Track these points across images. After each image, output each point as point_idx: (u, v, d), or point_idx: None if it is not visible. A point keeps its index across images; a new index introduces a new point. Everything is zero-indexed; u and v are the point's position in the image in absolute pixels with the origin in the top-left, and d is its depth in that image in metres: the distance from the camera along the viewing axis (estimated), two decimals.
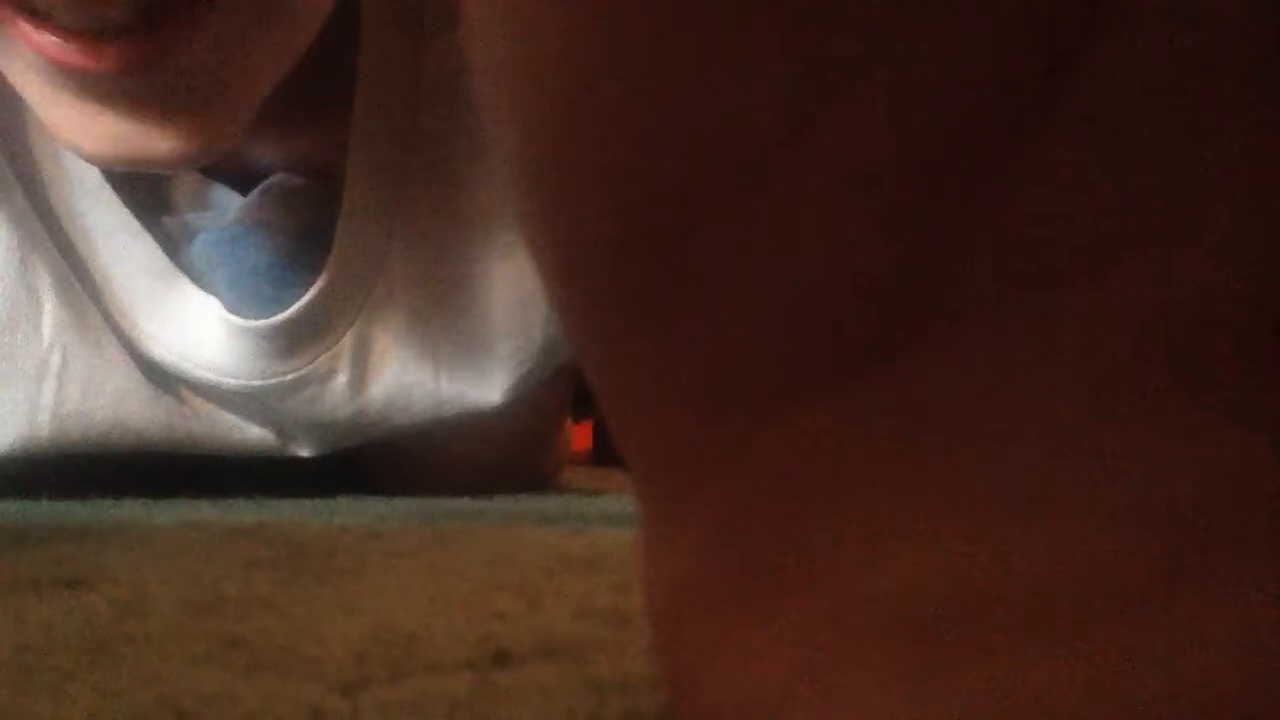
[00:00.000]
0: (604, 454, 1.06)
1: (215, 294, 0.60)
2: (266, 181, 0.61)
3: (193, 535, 0.44)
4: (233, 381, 0.60)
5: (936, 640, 0.10)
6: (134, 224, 0.58)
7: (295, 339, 0.60)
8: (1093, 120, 0.10)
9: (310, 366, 0.60)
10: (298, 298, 0.59)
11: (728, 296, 0.11)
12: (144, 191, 0.59)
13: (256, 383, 0.60)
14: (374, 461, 0.68)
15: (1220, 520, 0.10)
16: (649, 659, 0.26)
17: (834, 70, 0.10)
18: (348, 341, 0.61)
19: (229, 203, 0.61)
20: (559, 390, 0.71)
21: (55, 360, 0.58)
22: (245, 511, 0.53)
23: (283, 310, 0.59)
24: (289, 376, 0.60)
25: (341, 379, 0.61)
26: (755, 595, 0.12)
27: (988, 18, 0.09)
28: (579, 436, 1.02)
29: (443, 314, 0.62)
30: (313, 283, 0.60)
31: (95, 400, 0.59)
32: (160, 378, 0.61)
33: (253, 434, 0.63)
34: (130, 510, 0.53)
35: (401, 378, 0.62)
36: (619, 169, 0.11)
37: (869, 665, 0.11)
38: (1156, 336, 0.10)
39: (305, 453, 0.64)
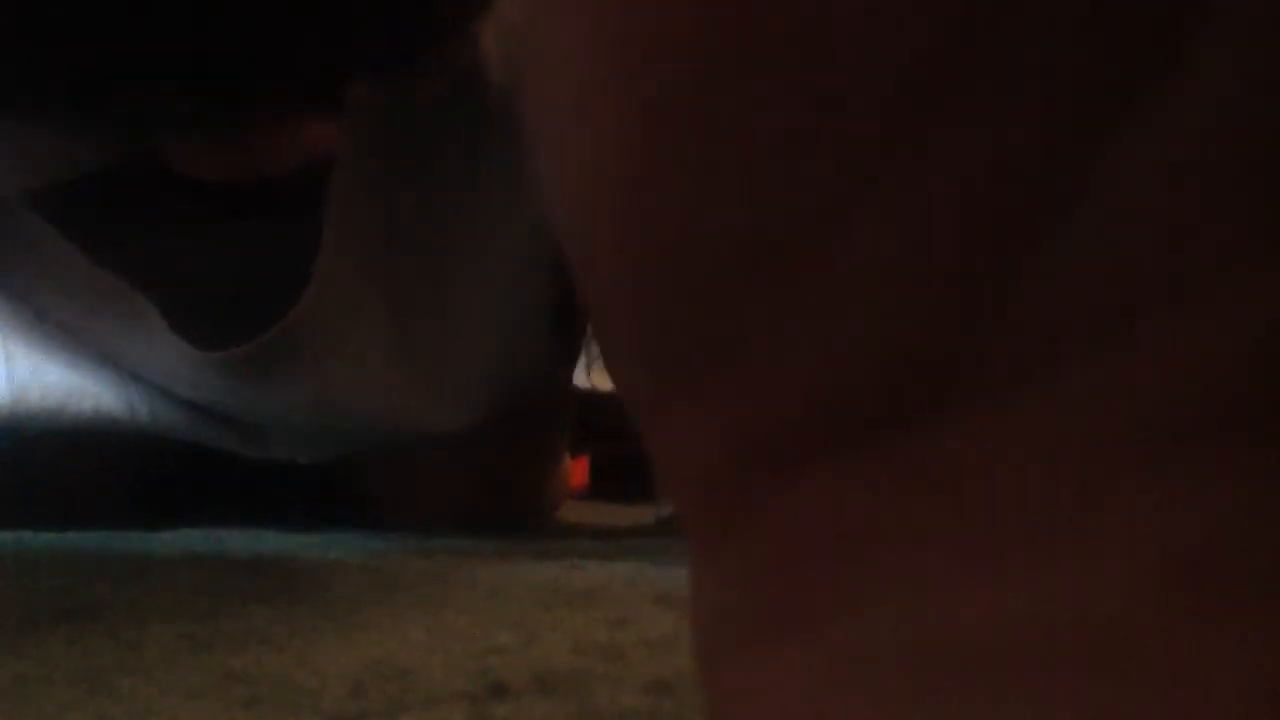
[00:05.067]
0: (601, 490, 1.06)
1: (176, 318, 0.60)
2: (244, 212, 0.61)
3: (189, 568, 0.44)
4: (190, 393, 0.60)
5: (954, 677, 0.11)
6: (63, 243, 0.58)
7: (254, 371, 0.60)
8: (1125, 199, 0.10)
9: (272, 395, 0.61)
10: (265, 329, 0.59)
11: (775, 357, 0.12)
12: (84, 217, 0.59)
13: (216, 399, 0.60)
14: (362, 486, 0.68)
15: (1220, 570, 0.10)
16: (645, 693, 0.26)
17: (863, 169, 0.10)
18: (316, 373, 0.61)
19: (185, 232, 0.61)
20: (548, 423, 0.71)
21: None
22: (242, 545, 0.53)
23: (245, 340, 0.59)
24: (248, 397, 0.60)
25: (305, 409, 0.61)
26: (791, 627, 0.12)
27: (1013, 111, 0.10)
28: (576, 473, 1.02)
29: (421, 348, 0.62)
30: (284, 314, 0.60)
31: (46, 371, 0.59)
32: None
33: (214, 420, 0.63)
34: (128, 543, 0.53)
35: (372, 412, 0.62)
36: (658, 246, 0.12)
37: (890, 698, 0.11)
38: (1164, 400, 0.10)
39: (270, 452, 0.64)
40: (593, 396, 0.84)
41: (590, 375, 0.88)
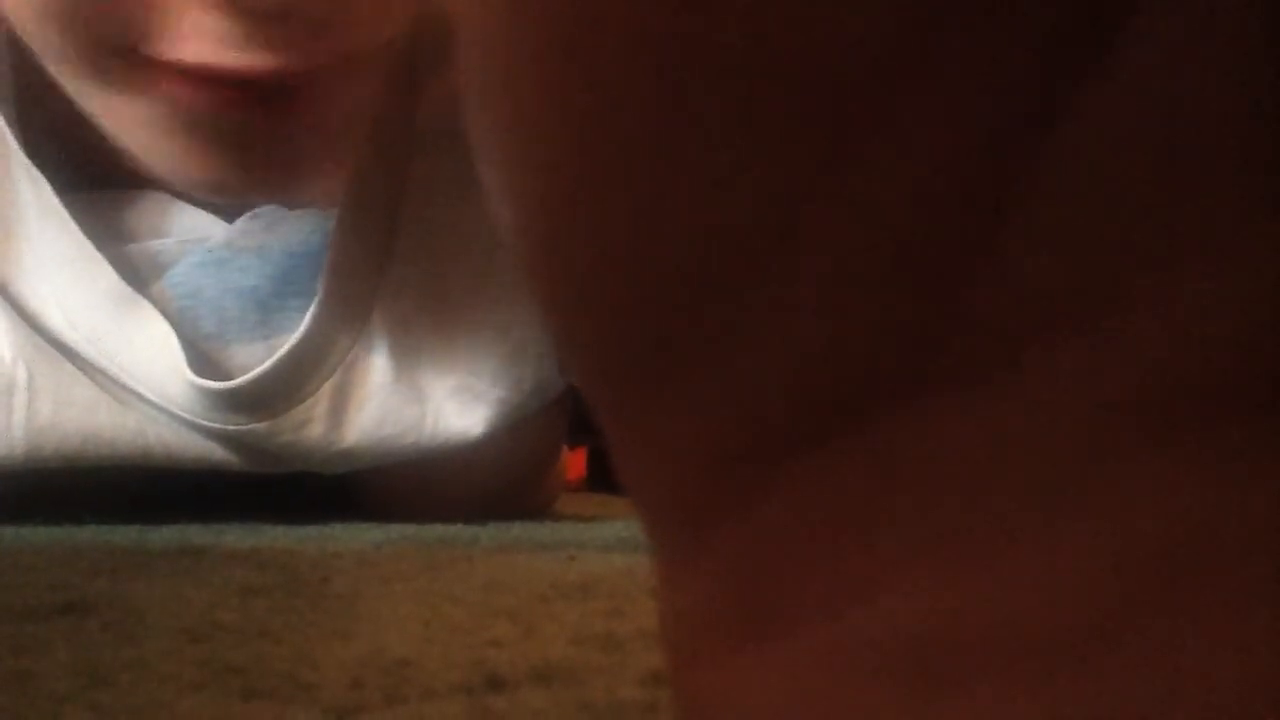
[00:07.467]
0: (598, 481, 1.06)
1: (198, 321, 0.59)
2: (256, 209, 0.61)
3: (187, 561, 0.44)
4: (201, 421, 0.60)
5: (929, 675, 0.11)
6: (90, 250, 0.57)
7: (262, 398, 0.59)
8: (1074, 185, 0.10)
9: (282, 418, 0.60)
10: (288, 321, 0.59)
11: (735, 360, 0.11)
12: (101, 218, 0.59)
13: (227, 428, 0.60)
14: (366, 488, 0.68)
15: (1193, 562, 0.10)
16: (642, 684, 0.26)
17: (819, 166, 0.10)
18: (324, 393, 0.61)
19: (195, 228, 0.60)
20: (550, 420, 0.71)
21: (21, 374, 0.58)
22: (240, 537, 0.53)
23: (269, 337, 0.59)
24: (260, 426, 0.60)
25: (317, 429, 0.61)
26: (762, 629, 0.12)
27: (965, 97, 0.10)
28: (573, 464, 1.02)
29: (428, 365, 0.62)
30: (302, 307, 0.59)
31: (67, 411, 0.58)
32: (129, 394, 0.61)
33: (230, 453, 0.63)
34: (125, 536, 0.53)
35: (380, 429, 0.62)
36: (611, 255, 0.11)
37: (865, 698, 0.11)
38: (1136, 390, 0.10)
39: (283, 469, 0.64)
40: None
41: None
